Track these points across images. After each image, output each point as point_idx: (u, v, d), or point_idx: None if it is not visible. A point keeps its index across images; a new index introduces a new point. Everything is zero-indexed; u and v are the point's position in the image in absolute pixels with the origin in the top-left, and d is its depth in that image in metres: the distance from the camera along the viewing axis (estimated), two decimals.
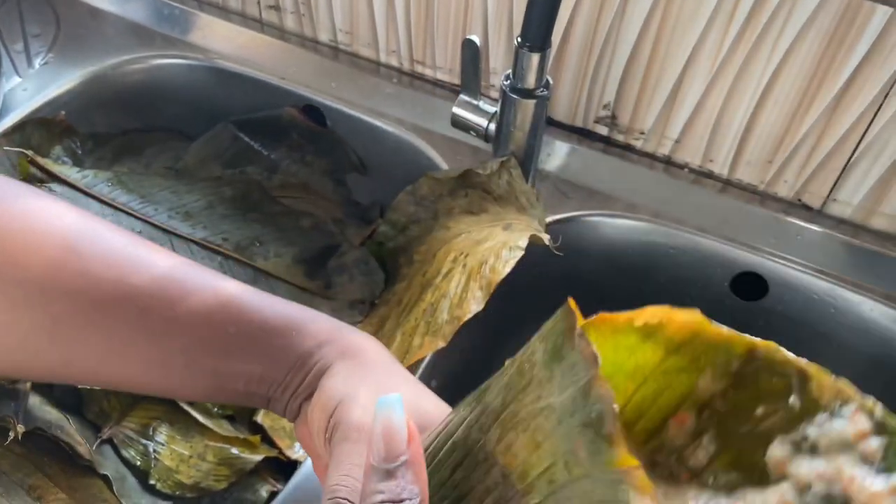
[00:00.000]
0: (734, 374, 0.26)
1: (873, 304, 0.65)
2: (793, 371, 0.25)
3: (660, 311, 0.26)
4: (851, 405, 0.25)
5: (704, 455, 0.26)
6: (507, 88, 0.63)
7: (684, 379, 0.26)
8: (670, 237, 0.71)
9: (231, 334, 0.39)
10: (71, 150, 0.79)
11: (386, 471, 0.26)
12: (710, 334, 0.26)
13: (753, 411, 0.26)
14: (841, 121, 0.64)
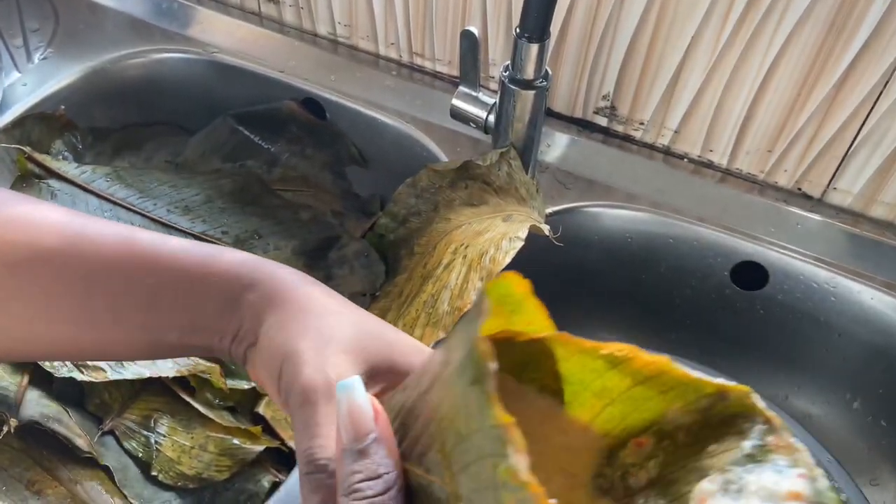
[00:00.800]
0: (704, 410, 0.26)
1: (873, 293, 0.65)
2: (760, 419, 0.26)
3: (626, 347, 0.26)
4: (800, 468, 0.25)
5: (645, 478, 0.27)
6: (506, 79, 0.63)
7: (652, 406, 0.27)
8: (670, 227, 0.71)
9: (150, 285, 0.38)
10: (71, 144, 0.80)
11: (358, 451, 0.27)
12: (677, 374, 0.26)
13: (707, 447, 0.26)
14: (840, 109, 0.64)
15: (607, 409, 0.28)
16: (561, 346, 0.27)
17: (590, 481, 0.28)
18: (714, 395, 0.26)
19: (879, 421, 0.68)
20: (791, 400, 0.72)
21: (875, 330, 0.66)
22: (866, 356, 0.68)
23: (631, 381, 0.27)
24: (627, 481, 0.27)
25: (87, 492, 0.48)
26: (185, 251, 0.39)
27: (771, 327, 0.71)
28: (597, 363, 0.27)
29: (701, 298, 0.73)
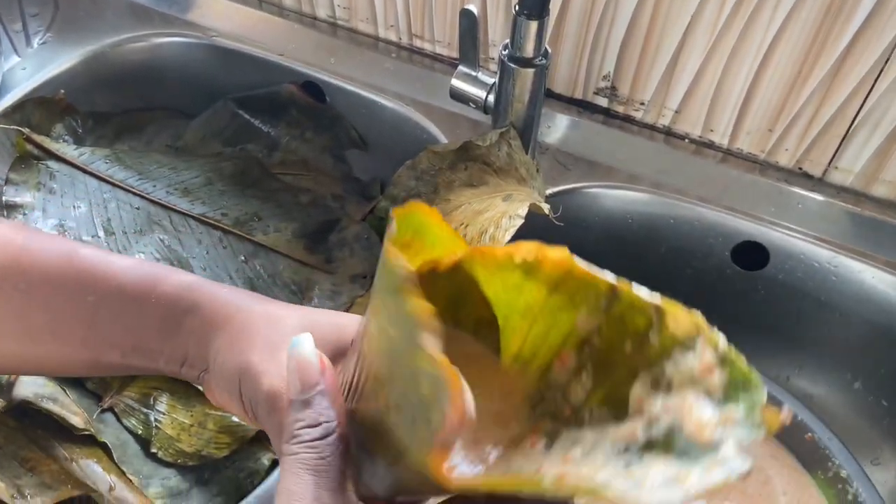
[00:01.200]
0: (604, 311, 0.27)
1: (875, 272, 0.65)
2: (650, 307, 0.26)
3: (533, 246, 0.27)
4: (700, 340, 0.25)
5: (582, 391, 0.28)
6: (505, 58, 0.63)
7: (566, 317, 0.28)
8: (671, 208, 0.70)
9: (90, 303, 0.38)
10: (72, 128, 0.79)
11: (303, 401, 0.28)
12: (579, 272, 0.27)
13: (623, 348, 0.27)
14: (841, 88, 0.64)
15: (532, 329, 0.29)
16: (480, 267, 0.28)
17: (528, 414, 0.29)
18: (609, 293, 0.27)
19: (881, 401, 0.68)
20: (793, 381, 0.72)
21: (876, 309, 0.66)
22: (867, 336, 0.67)
23: (546, 290, 0.27)
24: (569, 399, 0.28)
25: (83, 469, 0.48)
26: (127, 270, 0.38)
27: (772, 307, 0.70)
28: (515, 276, 0.28)
29: (702, 279, 0.73)
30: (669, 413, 0.25)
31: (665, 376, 0.26)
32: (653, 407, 0.25)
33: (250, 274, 0.67)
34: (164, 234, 0.66)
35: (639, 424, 0.25)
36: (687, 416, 0.24)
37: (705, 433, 0.24)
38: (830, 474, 0.57)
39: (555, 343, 0.29)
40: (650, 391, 0.26)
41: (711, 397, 0.24)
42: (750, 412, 0.24)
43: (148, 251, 0.64)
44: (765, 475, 0.58)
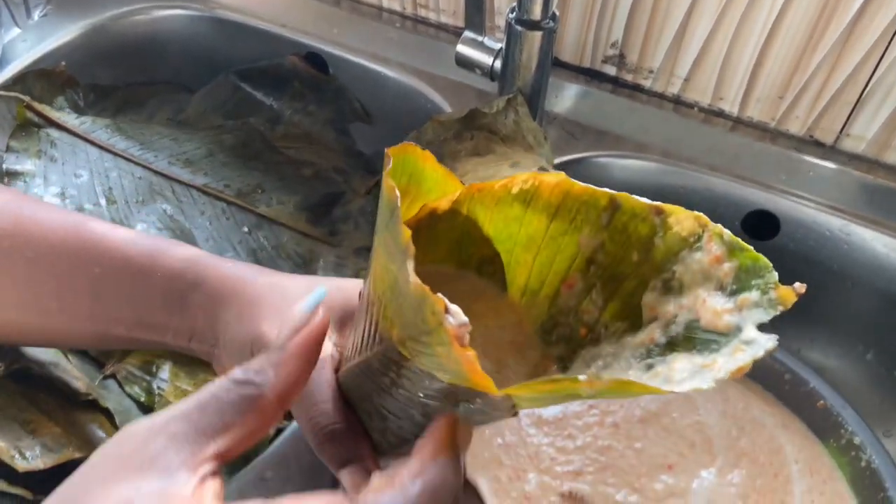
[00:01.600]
0: (606, 226, 0.27)
1: (887, 240, 0.64)
2: (651, 211, 0.27)
3: (529, 175, 0.28)
4: (706, 234, 0.26)
5: (594, 308, 0.28)
6: (512, 21, 0.61)
7: (569, 241, 0.28)
8: (681, 177, 0.69)
9: (95, 274, 0.37)
10: (73, 101, 0.79)
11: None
12: (577, 191, 0.27)
13: (630, 259, 0.27)
14: (852, 54, 0.63)
15: (537, 259, 0.29)
16: (479, 205, 0.28)
17: (542, 341, 0.29)
18: (609, 206, 0.27)
19: (893, 372, 0.67)
20: (804, 353, 0.71)
21: (889, 278, 0.65)
22: (880, 306, 0.66)
23: (546, 218, 0.28)
24: (582, 320, 0.28)
25: (86, 433, 0.48)
26: (132, 243, 0.38)
27: (784, 277, 0.69)
28: (514, 208, 0.28)
29: None
30: (684, 310, 0.25)
31: (675, 278, 0.26)
32: (667, 309, 0.25)
33: (254, 245, 0.66)
34: (167, 204, 0.65)
35: (656, 328, 0.25)
36: (702, 309, 0.24)
37: (722, 321, 0.24)
38: (843, 442, 0.56)
39: (561, 269, 0.29)
40: (662, 296, 0.26)
41: (724, 288, 0.25)
42: (764, 293, 0.24)
43: (150, 220, 0.63)
44: (776, 444, 0.57)
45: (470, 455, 0.56)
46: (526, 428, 0.58)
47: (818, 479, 0.55)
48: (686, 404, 0.60)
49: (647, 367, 0.24)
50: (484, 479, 0.55)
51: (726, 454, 0.56)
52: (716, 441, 0.57)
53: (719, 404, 0.60)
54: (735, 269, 0.25)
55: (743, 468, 0.56)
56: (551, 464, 0.56)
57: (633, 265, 0.27)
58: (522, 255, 0.29)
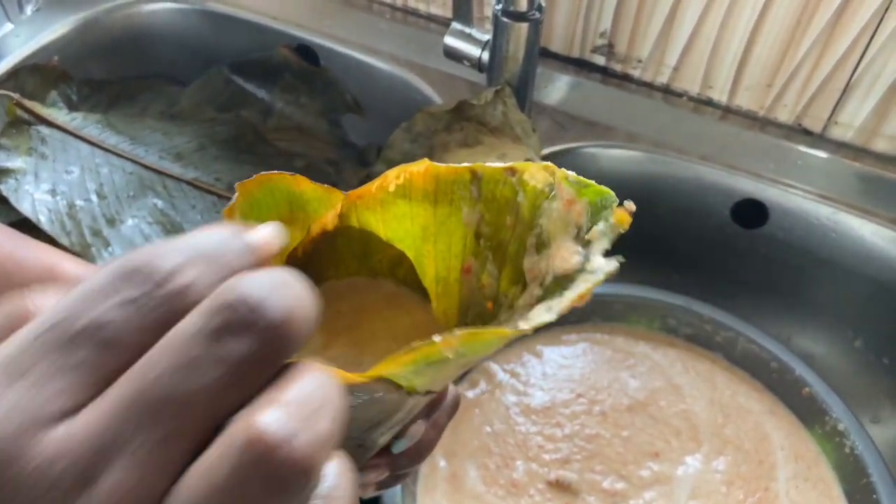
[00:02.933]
0: (479, 199, 0.28)
1: (875, 228, 0.64)
2: (506, 173, 0.27)
3: (397, 169, 0.28)
4: (557, 181, 0.26)
5: (492, 280, 0.29)
6: (499, 12, 0.62)
7: (454, 221, 0.28)
8: (670, 166, 0.69)
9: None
10: (66, 95, 0.79)
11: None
12: (444, 173, 0.27)
13: (505, 223, 0.28)
14: (839, 41, 0.63)
15: (436, 247, 0.29)
16: (365, 211, 0.28)
17: (461, 324, 0.29)
18: (472, 178, 0.27)
19: (881, 359, 0.68)
20: (794, 340, 0.72)
21: (877, 266, 0.65)
22: (868, 293, 0.67)
23: (430, 206, 0.28)
24: (486, 294, 0.29)
25: None
26: (27, 254, 0.37)
27: (773, 266, 0.70)
28: (399, 205, 0.28)
29: (701, 238, 0.72)
30: (552, 262, 0.26)
31: (543, 231, 0.26)
32: (541, 266, 0.26)
33: None
34: (158, 199, 0.65)
35: (535, 286, 0.26)
36: (555, 257, 0.25)
37: (570, 262, 0.25)
38: (828, 428, 0.56)
39: (458, 250, 0.29)
40: (537, 254, 0.26)
41: (582, 228, 0.25)
42: (607, 221, 0.25)
43: (141, 215, 0.63)
44: (762, 431, 0.58)
45: (459, 443, 0.57)
46: (514, 417, 0.59)
47: (803, 464, 0.56)
48: (673, 393, 0.60)
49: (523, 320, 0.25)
50: (472, 466, 0.55)
51: (712, 441, 0.57)
52: (702, 428, 0.58)
53: (706, 392, 0.60)
54: (585, 206, 0.25)
55: (728, 455, 0.56)
56: (539, 452, 0.57)
57: (510, 229, 0.27)
58: (424, 247, 0.29)
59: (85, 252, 0.59)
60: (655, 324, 0.64)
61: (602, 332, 0.65)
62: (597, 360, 0.63)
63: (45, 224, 0.59)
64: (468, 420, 0.58)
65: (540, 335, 0.64)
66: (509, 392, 0.60)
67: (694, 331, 0.63)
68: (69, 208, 0.61)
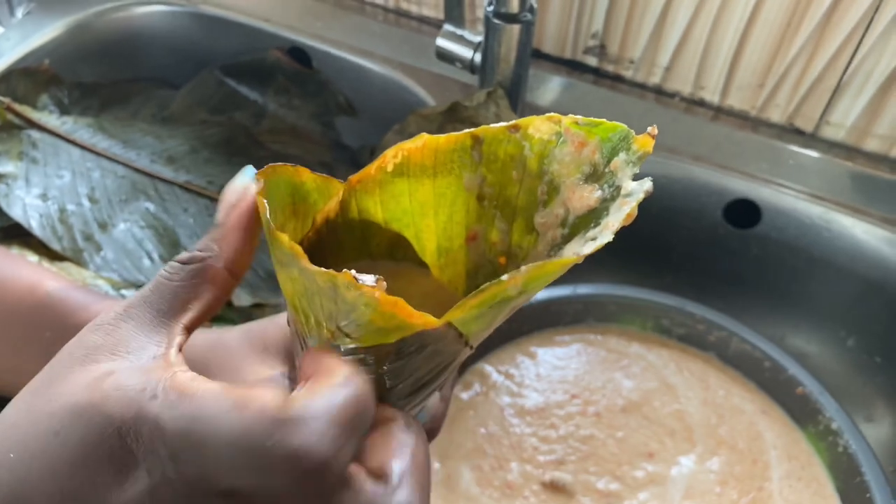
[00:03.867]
0: (480, 162, 0.28)
1: (867, 227, 0.65)
2: (509, 130, 0.28)
3: (394, 148, 0.28)
4: (564, 127, 0.27)
5: (503, 235, 0.29)
6: (490, 14, 0.62)
7: (455, 190, 0.29)
8: (662, 167, 0.70)
9: (47, 339, 0.36)
10: (57, 99, 0.79)
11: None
12: (443, 144, 0.28)
13: (510, 178, 0.28)
14: (830, 40, 0.63)
15: (437, 220, 0.30)
16: (364, 195, 0.29)
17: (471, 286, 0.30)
18: (474, 143, 0.28)
19: (874, 358, 0.68)
20: (788, 339, 0.72)
21: (869, 265, 0.66)
22: (860, 292, 0.67)
23: (428, 180, 0.29)
24: (497, 249, 0.30)
25: None
26: (84, 308, 0.37)
27: (766, 266, 0.70)
28: (397, 184, 0.29)
29: (695, 239, 0.72)
30: (566, 207, 0.27)
31: (554, 178, 0.27)
32: (557, 212, 0.27)
33: None
34: (150, 203, 0.65)
35: (555, 230, 0.27)
36: (572, 199, 0.26)
37: (589, 201, 0.26)
38: (821, 427, 0.56)
39: (460, 217, 0.30)
40: (550, 202, 0.28)
41: (598, 165, 0.26)
42: (628, 150, 0.26)
43: (133, 219, 0.63)
44: (756, 430, 0.58)
45: (453, 445, 0.57)
46: (509, 418, 0.59)
47: (796, 464, 0.56)
48: (667, 393, 0.61)
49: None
50: (467, 468, 0.55)
51: (706, 441, 0.57)
52: (696, 429, 0.58)
53: (700, 392, 0.60)
54: (598, 144, 0.26)
55: (722, 455, 0.56)
56: (534, 453, 0.57)
57: (517, 183, 0.28)
58: (423, 223, 0.30)
59: (77, 256, 0.59)
60: (649, 324, 0.64)
61: (596, 332, 0.65)
62: (591, 361, 0.63)
63: (37, 229, 0.59)
64: (462, 422, 0.58)
65: (534, 336, 0.64)
66: (504, 393, 0.60)
67: (687, 331, 0.63)
68: (60, 213, 0.61)
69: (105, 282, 0.57)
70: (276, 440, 0.21)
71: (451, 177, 0.29)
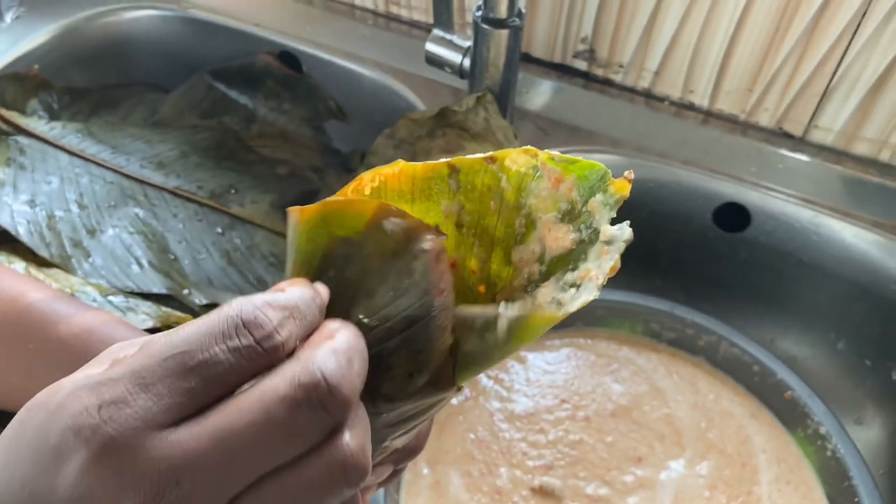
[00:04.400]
0: (458, 190, 0.28)
1: (856, 231, 0.65)
2: (486, 161, 0.28)
3: (371, 173, 0.28)
4: (541, 161, 0.27)
5: (481, 263, 0.29)
6: (479, 19, 0.62)
7: (433, 216, 0.29)
8: (652, 171, 0.70)
9: (30, 351, 0.36)
10: (47, 104, 0.78)
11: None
12: (420, 171, 0.28)
13: (489, 208, 0.28)
14: (819, 44, 0.63)
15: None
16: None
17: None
18: (451, 172, 0.28)
19: (864, 360, 0.68)
20: (778, 343, 0.72)
21: (858, 268, 0.66)
22: (850, 295, 0.67)
23: (407, 205, 0.29)
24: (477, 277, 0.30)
25: None
26: (66, 320, 0.37)
27: (755, 269, 0.70)
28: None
29: (684, 243, 0.72)
30: (542, 245, 0.27)
31: (532, 212, 0.27)
32: (533, 248, 0.27)
33: (227, 246, 0.67)
34: (139, 208, 0.65)
35: (532, 266, 0.27)
36: (547, 238, 0.27)
37: (564, 242, 0.26)
38: (810, 431, 0.56)
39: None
40: (527, 237, 0.28)
41: (575, 203, 0.26)
42: (605, 192, 0.26)
43: (122, 225, 0.63)
44: (745, 434, 0.58)
45: (442, 451, 0.57)
46: (498, 423, 0.59)
47: (785, 468, 0.56)
48: (657, 397, 0.61)
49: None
50: (456, 474, 0.55)
51: (695, 445, 0.57)
52: (685, 433, 0.58)
53: (689, 396, 0.60)
54: (575, 182, 0.26)
55: (711, 459, 0.57)
56: (523, 458, 0.57)
57: (495, 213, 0.28)
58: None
59: (65, 263, 0.58)
60: (638, 328, 0.64)
61: (585, 336, 0.65)
62: (580, 366, 0.63)
63: (24, 236, 0.58)
64: (452, 427, 0.58)
65: None
66: (493, 398, 0.60)
67: (677, 335, 0.63)
68: (48, 219, 0.61)
69: (93, 288, 0.57)
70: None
71: (430, 202, 0.29)
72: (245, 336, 0.22)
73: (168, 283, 0.61)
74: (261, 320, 0.22)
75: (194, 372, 0.21)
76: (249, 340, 0.22)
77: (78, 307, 0.38)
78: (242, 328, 0.22)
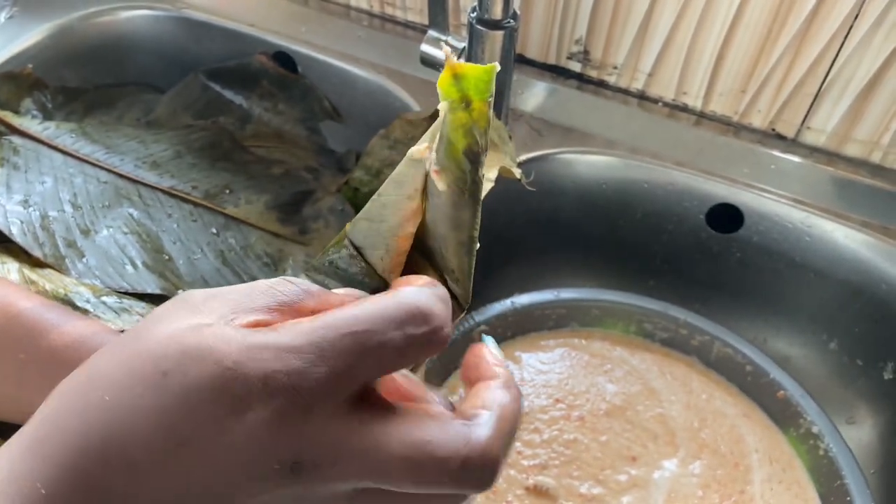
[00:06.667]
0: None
1: (848, 231, 0.65)
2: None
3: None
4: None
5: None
6: (473, 21, 0.62)
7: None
8: (645, 172, 0.70)
9: (21, 361, 0.36)
10: (41, 103, 0.78)
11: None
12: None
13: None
14: (811, 46, 0.64)
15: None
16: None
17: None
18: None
19: (855, 360, 0.68)
20: (770, 343, 0.72)
21: (850, 269, 0.66)
22: (842, 296, 0.67)
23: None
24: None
25: None
26: (57, 329, 0.36)
27: (748, 270, 0.70)
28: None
29: (677, 243, 0.72)
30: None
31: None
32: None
33: (222, 247, 0.67)
34: (133, 209, 0.65)
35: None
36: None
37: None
38: (802, 431, 0.57)
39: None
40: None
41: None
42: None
43: (116, 225, 0.63)
44: (737, 434, 0.58)
45: None
46: None
47: (777, 467, 0.57)
48: (650, 397, 0.61)
49: None
50: None
51: (688, 445, 0.57)
52: (678, 433, 0.58)
53: (682, 396, 0.61)
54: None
55: (704, 458, 0.57)
56: (517, 458, 0.57)
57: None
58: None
59: (59, 263, 0.58)
60: (632, 328, 0.65)
61: (579, 336, 0.65)
62: (574, 366, 0.63)
63: (18, 236, 0.58)
64: None
65: (518, 340, 0.64)
66: None
67: (670, 335, 0.64)
68: (42, 219, 0.61)
69: (87, 289, 0.57)
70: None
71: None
72: (422, 326, 0.23)
73: (162, 284, 0.61)
74: (437, 312, 0.24)
75: (371, 353, 0.22)
76: (425, 330, 0.23)
77: (69, 317, 0.38)
78: (420, 318, 0.23)
